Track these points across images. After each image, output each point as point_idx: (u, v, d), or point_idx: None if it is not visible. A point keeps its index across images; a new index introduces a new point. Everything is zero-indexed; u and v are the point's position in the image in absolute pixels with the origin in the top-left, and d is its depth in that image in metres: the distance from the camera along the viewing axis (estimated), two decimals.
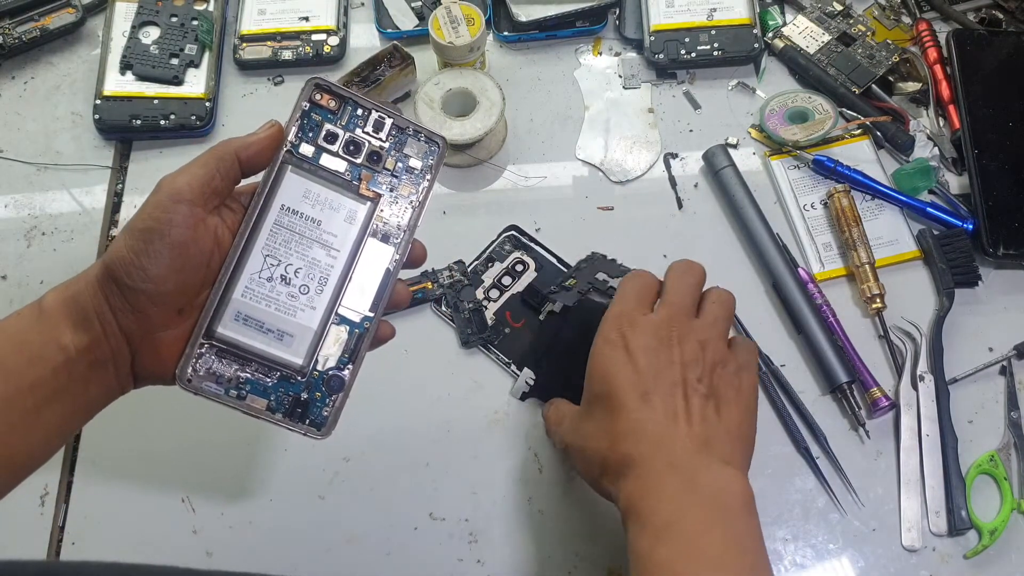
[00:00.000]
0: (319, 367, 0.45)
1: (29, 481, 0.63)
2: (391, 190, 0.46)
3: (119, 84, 0.76)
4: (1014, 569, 0.59)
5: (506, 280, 0.69)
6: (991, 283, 0.69)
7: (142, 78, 0.76)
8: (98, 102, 0.75)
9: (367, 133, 0.46)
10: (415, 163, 0.47)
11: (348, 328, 0.46)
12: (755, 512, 0.45)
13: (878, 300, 0.66)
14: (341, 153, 0.46)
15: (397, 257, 0.46)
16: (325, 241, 0.45)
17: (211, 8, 0.79)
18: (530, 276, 0.69)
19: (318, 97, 0.45)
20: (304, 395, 0.45)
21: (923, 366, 0.64)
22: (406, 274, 0.68)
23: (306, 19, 0.79)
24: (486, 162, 0.74)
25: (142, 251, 0.40)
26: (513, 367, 0.65)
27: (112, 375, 0.43)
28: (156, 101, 0.75)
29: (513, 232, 0.71)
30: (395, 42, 0.76)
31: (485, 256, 0.70)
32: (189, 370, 0.43)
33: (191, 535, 0.61)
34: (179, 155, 0.76)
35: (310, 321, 0.45)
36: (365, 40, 0.81)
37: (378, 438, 0.64)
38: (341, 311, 0.45)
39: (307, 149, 0.45)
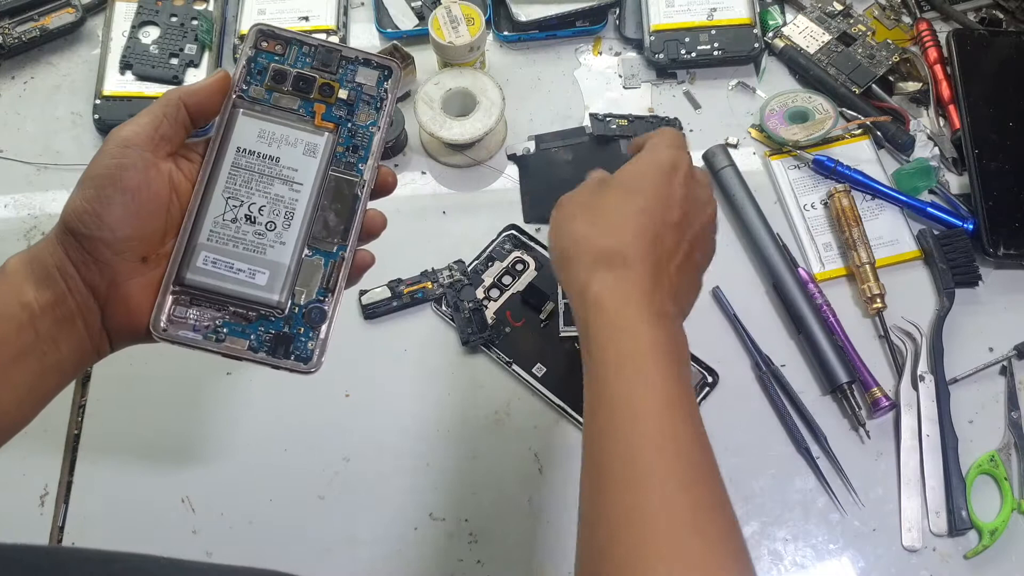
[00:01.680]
0: (297, 301, 0.45)
1: (29, 481, 0.63)
2: (349, 119, 0.46)
3: (119, 84, 0.76)
4: (1014, 569, 0.59)
5: (506, 279, 0.69)
6: (991, 283, 0.69)
7: (142, 78, 0.76)
8: (98, 102, 0.75)
9: (315, 69, 0.46)
10: (369, 91, 0.46)
11: (323, 260, 0.45)
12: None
13: (878, 300, 0.66)
14: (291, 90, 0.45)
15: (364, 181, 0.46)
16: (286, 176, 0.45)
17: (211, 8, 0.79)
18: (530, 275, 0.69)
19: (264, 44, 0.46)
20: (286, 330, 0.44)
21: (923, 366, 0.64)
22: (407, 272, 0.68)
23: (306, 19, 0.79)
24: (486, 162, 0.74)
25: (94, 198, 0.40)
26: (514, 366, 0.65)
27: (82, 331, 0.42)
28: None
29: (513, 231, 0.71)
30: (395, 42, 0.76)
31: (485, 255, 0.70)
32: (164, 319, 0.43)
33: (191, 535, 0.61)
34: None
35: (281, 256, 0.44)
36: (365, 40, 0.81)
37: (378, 438, 0.64)
38: (313, 243, 0.45)
39: (257, 91, 0.45)
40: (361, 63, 0.46)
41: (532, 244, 0.70)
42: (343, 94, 0.46)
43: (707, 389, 0.65)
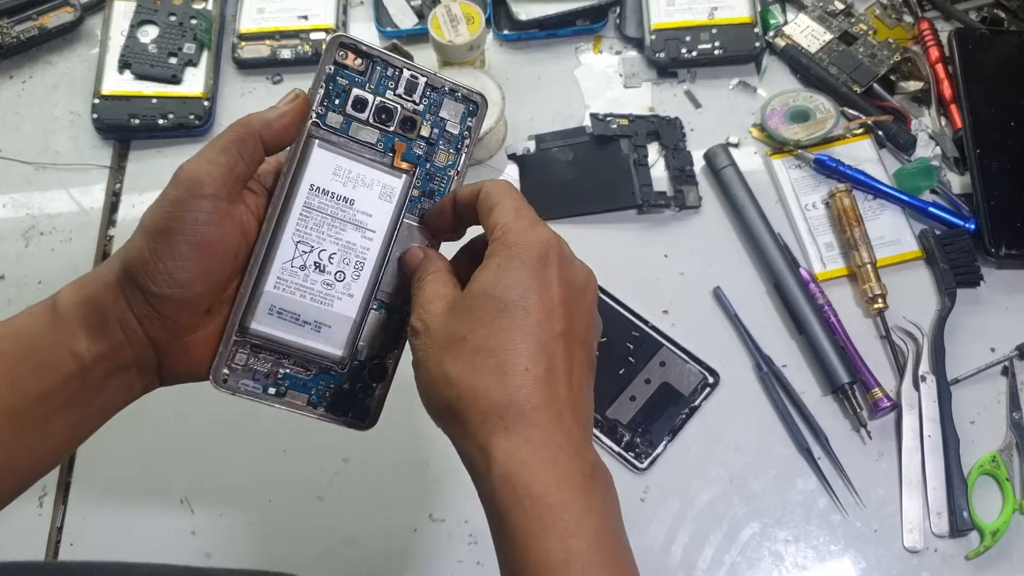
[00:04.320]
0: (360, 357, 0.42)
1: None
2: (428, 159, 0.42)
3: (117, 83, 0.75)
4: (1016, 570, 0.59)
5: None
6: (993, 283, 0.68)
7: (140, 77, 0.75)
8: (96, 101, 0.75)
9: (399, 96, 0.42)
10: (452, 128, 0.42)
11: (388, 314, 0.43)
12: None
13: (880, 300, 0.66)
14: (372, 121, 0.41)
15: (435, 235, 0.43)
16: (360, 222, 0.41)
17: (210, 7, 0.79)
18: None
19: (343, 56, 0.41)
20: (346, 386, 0.43)
21: (925, 366, 0.64)
22: None
23: (305, 18, 0.79)
24: (486, 162, 0.74)
25: (166, 254, 0.37)
26: None
27: (135, 378, 0.40)
28: (154, 100, 0.75)
29: None
30: (394, 41, 0.76)
31: None
32: (224, 370, 0.41)
33: (190, 536, 0.61)
34: (178, 155, 0.75)
35: (348, 310, 0.42)
36: (364, 39, 0.80)
37: (377, 438, 0.63)
38: (380, 296, 0.43)
39: (334, 119, 0.41)
40: (447, 93, 0.42)
41: None
42: (425, 131, 0.42)
43: (708, 389, 0.64)
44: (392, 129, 0.42)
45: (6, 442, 0.37)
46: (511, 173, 0.74)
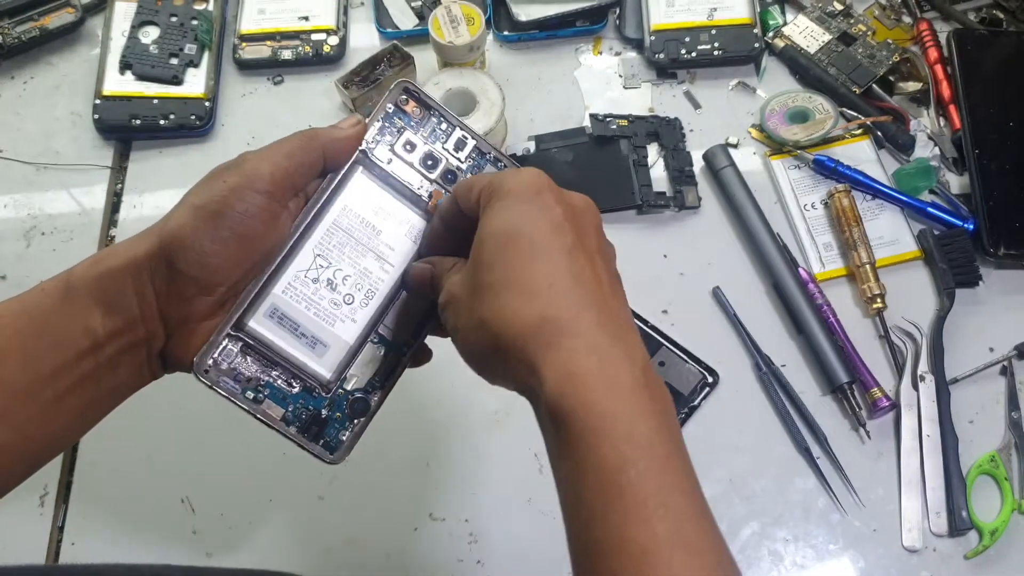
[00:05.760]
0: (346, 386, 0.42)
1: (28, 481, 0.63)
2: None
3: (118, 84, 0.76)
4: (1015, 570, 0.59)
5: None
6: (992, 283, 0.68)
7: (141, 78, 0.76)
8: (97, 102, 0.75)
9: (446, 150, 0.43)
10: None
11: (385, 350, 0.42)
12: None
13: (879, 300, 0.66)
14: (416, 165, 0.43)
15: None
16: (381, 253, 0.42)
17: (211, 8, 0.79)
18: None
19: (404, 101, 0.43)
20: (324, 412, 0.42)
21: (924, 366, 0.64)
22: None
23: (306, 19, 0.79)
24: None
25: (207, 235, 0.37)
26: None
27: (143, 358, 0.39)
28: (155, 101, 0.75)
29: None
30: (395, 42, 0.76)
31: None
32: (209, 361, 0.40)
33: (191, 535, 0.61)
34: (178, 155, 0.76)
35: (348, 335, 0.41)
36: (365, 40, 0.80)
37: (377, 438, 0.64)
38: (382, 330, 0.42)
39: (382, 153, 0.42)
40: (491, 160, 0.44)
41: None
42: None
43: (707, 389, 0.65)
44: (434, 177, 0.43)
45: (20, 420, 0.37)
46: None
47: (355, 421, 0.42)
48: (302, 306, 0.41)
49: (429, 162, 0.43)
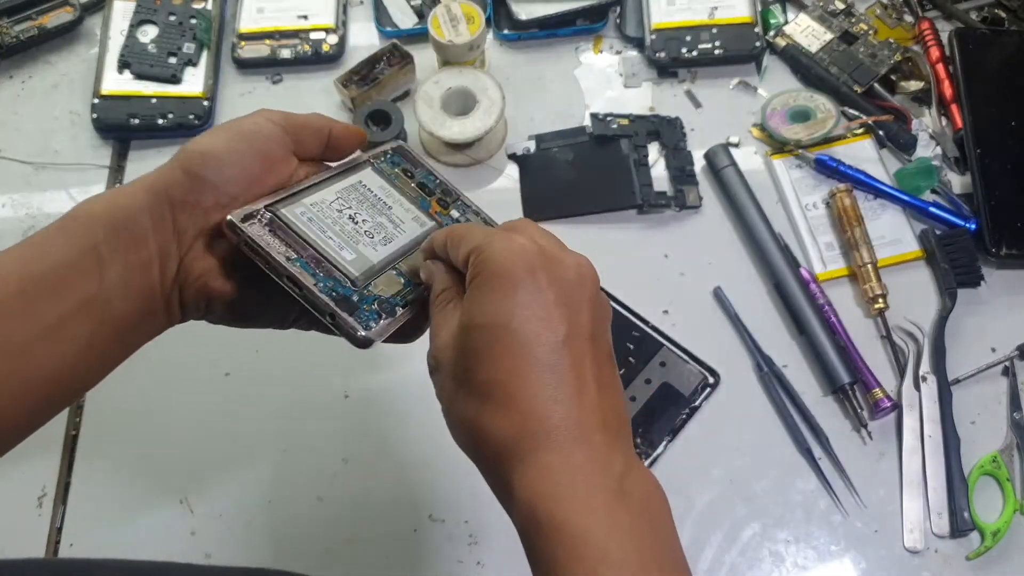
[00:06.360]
0: (372, 289, 0.41)
1: (27, 482, 0.63)
2: (457, 221, 0.49)
3: (117, 83, 0.75)
4: (1017, 570, 0.59)
5: None
6: (994, 283, 0.68)
7: (140, 77, 0.75)
8: (96, 101, 0.75)
9: (441, 189, 0.50)
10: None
11: (404, 282, 0.42)
12: (672, 517, 0.36)
13: (880, 300, 0.66)
14: (414, 186, 0.48)
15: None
16: (393, 218, 0.45)
17: (209, 7, 0.79)
18: None
19: (396, 157, 0.49)
20: (355, 298, 0.39)
21: (925, 367, 0.64)
22: None
23: (305, 17, 0.79)
24: (486, 162, 0.74)
25: (224, 143, 0.40)
26: None
27: (155, 283, 0.38)
28: (154, 100, 0.75)
29: None
30: (394, 40, 0.76)
31: None
32: (242, 215, 0.38)
33: (190, 536, 0.61)
34: None
35: (371, 254, 0.42)
36: (364, 38, 0.80)
37: (377, 438, 0.64)
38: (400, 268, 0.43)
39: (387, 169, 0.48)
40: (474, 213, 0.50)
41: None
42: (455, 213, 0.49)
43: (708, 390, 0.64)
44: (430, 200, 0.48)
45: (21, 341, 0.35)
46: (511, 173, 0.74)
47: (386, 318, 0.40)
48: (328, 221, 0.42)
49: (425, 189, 0.49)
